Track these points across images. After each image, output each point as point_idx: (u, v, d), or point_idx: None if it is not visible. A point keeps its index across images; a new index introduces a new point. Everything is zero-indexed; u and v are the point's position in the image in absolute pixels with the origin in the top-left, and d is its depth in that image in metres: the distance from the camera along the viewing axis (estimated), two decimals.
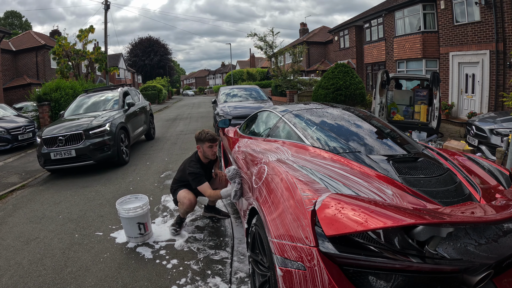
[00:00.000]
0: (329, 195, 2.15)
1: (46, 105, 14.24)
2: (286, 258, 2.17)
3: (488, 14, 14.18)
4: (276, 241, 2.30)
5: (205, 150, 4.65)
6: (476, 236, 2.16)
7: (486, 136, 8.20)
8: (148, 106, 13.29)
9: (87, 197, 6.55)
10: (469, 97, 15.94)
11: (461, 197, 2.63)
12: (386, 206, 1.97)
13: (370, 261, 1.90)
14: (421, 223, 1.75)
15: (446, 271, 1.93)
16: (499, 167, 3.41)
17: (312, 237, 2.03)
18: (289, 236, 2.20)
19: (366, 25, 24.94)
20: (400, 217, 1.77)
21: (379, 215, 1.81)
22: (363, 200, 2.08)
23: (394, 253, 1.92)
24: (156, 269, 3.85)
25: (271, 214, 2.52)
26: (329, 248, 1.97)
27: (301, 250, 2.08)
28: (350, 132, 3.64)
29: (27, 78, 28.28)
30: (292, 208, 2.31)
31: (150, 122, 13.09)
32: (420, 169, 3.00)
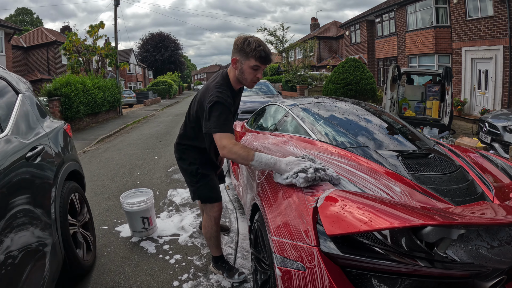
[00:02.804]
0: (332, 191, 2.05)
1: (57, 100, 14.31)
2: (286, 258, 2.06)
3: (501, 9, 13.96)
4: (275, 239, 2.18)
5: (245, 70, 2.83)
6: (488, 238, 2.02)
7: (499, 134, 8.05)
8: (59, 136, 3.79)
9: (94, 191, 6.52)
10: (482, 93, 15.73)
11: (474, 196, 2.51)
12: (393, 205, 1.85)
13: (375, 263, 1.80)
14: (431, 224, 1.63)
15: (456, 276, 1.82)
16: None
17: (313, 236, 1.92)
18: (289, 234, 2.09)
19: (378, 20, 24.72)
20: (408, 217, 1.64)
21: (386, 214, 1.69)
22: (369, 198, 1.97)
23: (401, 255, 1.82)
24: (159, 264, 3.79)
25: (271, 210, 2.41)
26: (331, 248, 1.86)
27: (301, 249, 1.97)
28: (358, 127, 3.54)
29: (38, 74, 28.53)
30: (293, 204, 2.22)
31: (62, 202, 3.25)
32: (430, 166, 2.89)
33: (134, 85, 51.14)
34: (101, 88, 18.48)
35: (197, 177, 3.27)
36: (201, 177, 3.28)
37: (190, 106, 3.17)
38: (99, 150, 11.07)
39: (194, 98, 3.14)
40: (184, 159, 3.33)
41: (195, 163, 3.28)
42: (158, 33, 72.34)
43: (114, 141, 12.81)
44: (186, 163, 3.31)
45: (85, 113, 16.30)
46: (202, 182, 3.28)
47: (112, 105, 20.55)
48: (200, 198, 3.34)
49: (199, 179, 3.28)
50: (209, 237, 3.43)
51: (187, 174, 3.34)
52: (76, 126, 15.68)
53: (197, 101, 3.01)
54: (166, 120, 18.72)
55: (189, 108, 3.19)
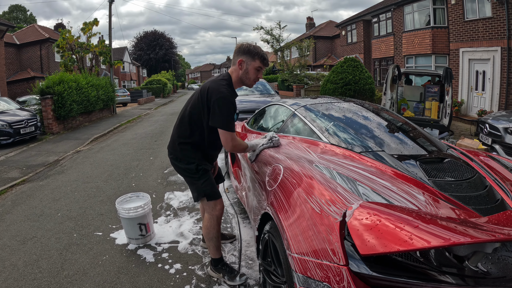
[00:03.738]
0: (361, 203, 1.85)
1: (49, 99, 14.06)
2: (309, 277, 1.87)
3: (500, 10, 13.90)
4: (297, 256, 1.99)
5: (250, 71, 3.15)
6: (509, 245, 1.87)
7: (501, 135, 7.98)
8: None
9: (88, 193, 6.30)
10: (479, 94, 15.68)
11: (494, 203, 2.35)
12: (431, 220, 1.66)
13: (411, 284, 1.62)
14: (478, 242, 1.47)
15: None
16: None
17: (342, 254, 1.73)
18: (313, 252, 1.89)
19: (374, 20, 24.64)
20: (452, 234, 1.46)
21: (427, 231, 1.50)
22: (402, 211, 1.77)
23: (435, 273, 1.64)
24: (158, 274, 3.57)
25: (290, 224, 2.20)
26: (362, 267, 1.67)
27: (328, 268, 1.78)
28: (370, 130, 3.35)
29: (31, 72, 28.23)
30: (316, 218, 2.02)
31: None
32: (448, 171, 2.73)
33: (128, 83, 50.86)
34: (95, 86, 18.21)
35: (199, 173, 3.26)
36: (203, 173, 3.28)
37: (188, 104, 3.28)
38: (92, 150, 10.84)
39: (192, 96, 3.30)
40: (181, 158, 3.30)
41: (193, 161, 3.26)
42: (153, 31, 72.20)
43: (108, 141, 12.58)
44: (184, 162, 3.28)
45: (78, 111, 16.04)
46: (204, 178, 3.28)
47: (106, 104, 20.29)
48: (206, 195, 3.28)
49: (201, 175, 3.27)
50: (211, 238, 3.36)
51: (187, 173, 3.31)
52: (69, 125, 15.46)
53: (197, 97, 3.14)
54: (161, 119, 18.52)
55: (186, 106, 3.29)
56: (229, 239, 4.22)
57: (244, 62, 3.13)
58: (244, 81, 3.21)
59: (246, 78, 3.18)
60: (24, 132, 12.15)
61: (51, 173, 8.14)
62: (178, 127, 3.32)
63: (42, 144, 12.07)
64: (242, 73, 3.16)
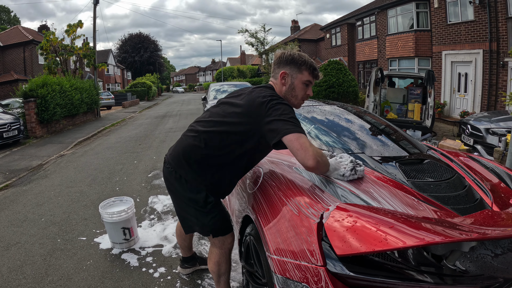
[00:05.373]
0: (338, 205, 1.89)
1: (32, 102, 13.91)
2: (288, 278, 1.90)
3: (482, 14, 14.14)
4: (276, 257, 2.01)
5: (297, 85, 2.48)
6: (491, 246, 1.92)
7: (482, 136, 8.17)
8: None
9: (72, 198, 6.25)
10: (461, 96, 15.93)
11: (473, 203, 2.40)
12: (406, 220, 1.70)
13: (388, 283, 1.65)
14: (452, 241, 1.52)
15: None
16: (505, 168, 3.21)
17: (319, 255, 1.75)
18: (292, 253, 1.92)
19: (359, 23, 24.87)
20: (427, 234, 1.51)
21: (402, 231, 1.55)
22: (378, 212, 1.81)
23: (412, 272, 1.68)
24: (142, 278, 3.57)
25: (269, 226, 2.22)
26: (339, 268, 1.70)
27: (306, 269, 1.80)
28: (351, 132, 3.40)
29: (14, 74, 27.85)
30: (294, 220, 2.04)
31: None
32: (427, 172, 2.78)
33: (113, 86, 50.53)
34: (79, 89, 18.07)
35: (207, 208, 2.55)
36: (212, 207, 2.57)
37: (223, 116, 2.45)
38: (76, 154, 10.76)
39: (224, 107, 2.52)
40: (188, 182, 2.54)
41: (202, 189, 2.53)
42: (138, 33, 71.89)
43: (91, 145, 12.49)
44: (192, 190, 2.54)
45: (62, 115, 15.89)
46: (213, 213, 2.59)
47: (90, 107, 20.14)
48: (213, 233, 2.66)
49: (209, 211, 2.57)
50: (223, 273, 2.83)
51: (190, 203, 2.59)
52: (53, 129, 15.30)
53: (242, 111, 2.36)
54: (145, 123, 18.44)
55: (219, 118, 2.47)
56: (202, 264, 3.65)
57: (288, 76, 2.47)
58: (289, 99, 2.49)
59: (292, 96, 2.50)
60: (7, 136, 12.00)
61: (35, 177, 8.06)
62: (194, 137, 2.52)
63: (25, 148, 11.95)
64: (287, 89, 2.48)
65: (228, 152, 2.45)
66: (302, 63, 2.44)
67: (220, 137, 2.41)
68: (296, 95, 2.50)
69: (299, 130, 2.16)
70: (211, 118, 2.51)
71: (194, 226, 2.69)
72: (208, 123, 2.50)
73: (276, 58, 2.54)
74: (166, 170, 2.64)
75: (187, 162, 2.51)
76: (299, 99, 2.53)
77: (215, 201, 2.59)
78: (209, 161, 2.48)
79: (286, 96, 2.48)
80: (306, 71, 2.46)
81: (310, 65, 2.47)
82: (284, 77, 2.46)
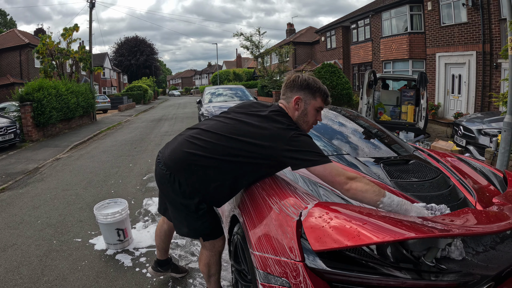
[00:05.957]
0: (317, 203, 1.97)
1: (28, 105, 13.95)
2: (269, 274, 1.98)
3: (475, 16, 14.25)
4: (258, 254, 2.10)
5: (310, 111, 2.49)
6: (473, 244, 2.01)
7: (474, 137, 8.22)
8: None
9: (67, 200, 6.32)
10: (455, 97, 16.02)
11: (456, 202, 2.49)
12: (381, 217, 1.78)
13: (363, 278, 1.73)
14: (422, 237, 1.59)
15: (444, 286, 1.76)
16: (492, 168, 3.29)
17: (298, 251, 1.83)
18: (272, 249, 2.00)
19: (353, 26, 24.97)
20: (398, 230, 1.59)
21: (374, 228, 1.63)
22: (354, 210, 1.89)
23: (389, 268, 1.76)
24: (136, 278, 3.65)
25: (252, 224, 2.31)
26: (317, 263, 1.78)
27: (286, 265, 1.88)
28: (338, 134, 3.50)
29: (10, 78, 27.85)
30: (275, 218, 2.12)
31: None
32: (412, 172, 2.88)
33: (109, 90, 50.54)
34: (75, 93, 18.11)
35: (198, 214, 2.55)
36: (204, 213, 2.58)
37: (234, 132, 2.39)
38: (72, 158, 10.82)
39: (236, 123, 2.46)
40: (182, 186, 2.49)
41: (196, 196, 2.51)
42: (134, 37, 71.94)
43: (87, 148, 12.54)
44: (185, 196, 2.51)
45: (58, 118, 15.93)
46: (204, 220, 2.60)
47: (86, 111, 20.17)
48: (203, 237, 2.70)
49: (200, 216, 2.57)
50: (213, 274, 2.87)
51: (181, 208, 2.58)
52: (49, 132, 15.34)
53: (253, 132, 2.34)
54: (141, 126, 18.49)
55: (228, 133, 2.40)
56: (181, 273, 3.64)
57: (302, 101, 2.46)
58: (300, 124, 2.48)
59: (304, 121, 2.49)
60: (3, 140, 12.04)
61: (31, 181, 8.12)
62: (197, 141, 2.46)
63: (21, 151, 12.00)
64: (299, 114, 2.47)
65: (238, 169, 2.43)
66: (317, 89, 2.46)
67: (232, 153, 2.36)
68: (307, 121, 2.50)
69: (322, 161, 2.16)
70: (222, 133, 2.41)
71: (184, 228, 2.66)
72: (219, 136, 2.41)
73: (290, 82, 2.52)
74: (161, 171, 2.55)
75: (190, 169, 2.44)
76: (310, 124, 2.54)
77: (208, 207, 2.59)
78: (214, 173, 2.43)
79: (298, 121, 2.47)
80: (320, 97, 2.48)
81: (324, 92, 2.49)
82: (298, 102, 2.45)
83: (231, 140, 2.36)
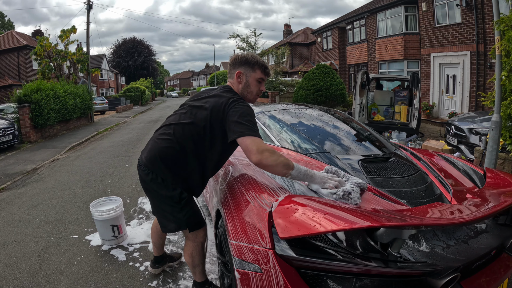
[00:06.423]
0: (286, 196, 2.16)
1: (27, 107, 14.03)
2: (244, 260, 2.16)
3: (469, 16, 14.41)
4: (234, 243, 2.29)
5: (251, 83, 2.80)
6: (445, 237, 2.12)
7: (465, 136, 8.33)
8: None
9: (65, 200, 6.48)
10: (450, 97, 16.17)
11: (431, 198, 2.60)
12: (343, 208, 1.96)
13: (327, 264, 1.88)
14: (377, 226, 1.75)
15: (407, 274, 1.89)
16: (473, 166, 3.41)
17: (268, 239, 2.01)
18: (247, 238, 2.19)
19: (349, 27, 25.10)
20: (355, 219, 1.76)
21: (334, 217, 1.80)
22: (321, 202, 2.06)
23: (353, 256, 1.89)
24: (129, 271, 3.82)
25: (231, 216, 2.51)
26: (285, 250, 1.94)
27: (258, 252, 2.06)
28: (321, 133, 3.65)
29: (8, 79, 27.90)
30: (251, 210, 2.32)
31: None
32: (390, 170, 3.01)
33: (107, 91, 50.57)
34: (72, 94, 18.20)
35: (181, 204, 2.76)
36: (186, 203, 2.79)
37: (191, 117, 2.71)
38: (69, 158, 10.96)
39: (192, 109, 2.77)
40: (165, 180, 2.73)
41: (178, 186, 2.74)
42: (131, 38, 71.64)
43: (85, 149, 12.69)
44: (168, 188, 2.73)
45: (56, 120, 16.03)
46: (187, 209, 2.81)
47: (84, 112, 20.25)
48: (189, 227, 2.88)
49: (184, 206, 2.78)
50: (197, 264, 3.05)
51: (166, 201, 2.78)
52: (47, 134, 15.44)
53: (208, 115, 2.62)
54: (138, 127, 18.60)
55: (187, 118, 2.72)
56: (177, 260, 3.93)
57: (243, 74, 2.78)
58: (245, 95, 2.80)
59: (248, 92, 2.80)
60: (2, 141, 12.17)
61: (29, 181, 8.26)
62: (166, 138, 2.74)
63: (20, 152, 12.13)
64: (243, 86, 2.79)
65: (201, 153, 2.70)
66: (255, 63, 2.78)
67: (192, 139, 2.66)
68: (251, 91, 2.81)
69: (250, 133, 2.40)
70: (182, 121, 2.73)
71: (171, 223, 2.85)
72: (180, 126, 2.72)
73: (232, 60, 2.85)
74: (142, 172, 2.82)
75: (164, 164, 2.70)
76: (254, 94, 2.84)
77: (188, 197, 2.81)
78: (184, 161, 2.71)
79: (242, 93, 2.80)
80: (259, 69, 2.80)
81: (262, 64, 2.81)
82: (239, 76, 2.79)
83: (189, 125, 2.67)
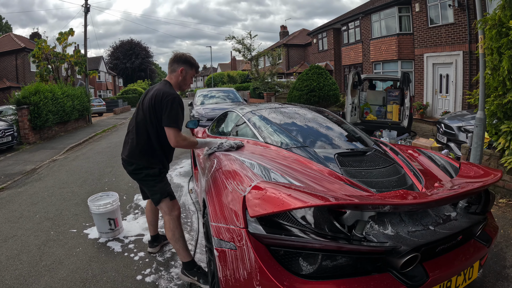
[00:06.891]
0: (258, 182, 2.43)
1: (25, 109, 14.19)
2: (221, 240, 2.42)
3: (461, 16, 14.63)
4: (214, 224, 2.56)
5: (188, 78, 3.66)
6: (411, 223, 2.35)
7: (454, 134, 8.45)
8: None
9: (64, 197, 6.72)
10: (443, 97, 16.39)
11: (402, 187, 2.79)
12: (304, 191, 2.20)
13: (293, 240, 2.10)
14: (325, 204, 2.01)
15: (367, 251, 2.09)
16: (451, 160, 3.58)
17: (242, 219, 2.27)
18: (224, 220, 2.46)
19: (344, 28, 25.31)
20: (311, 198, 2.02)
21: (295, 199, 2.04)
22: (286, 186, 2.31)
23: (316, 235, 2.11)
24: (124, 261, 4.08)
25: (212, 201, 2.80)
26: (256, 229, 2.19)
27: (233, 231, 2.33)
28: (302, 129, 3.91)
29: (6, 82, 28.06)
30: (229, 195, 2.60)
31: None
32: (365, 162, 3.23)
33: (104, 93, 50.78)
34: (70, 96, 18.36)
35: (161, 176, 3.65)
36: (164, 176, 3.69)
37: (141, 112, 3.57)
38: (68, 159, 11.17)
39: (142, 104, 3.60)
40: (145, 165, 3.58)
41: (155, 165, 3.59)
42: (129, 40, 71.83)
43: (83, 150, 12.91)
44: (148, 168, 3.58)
45: (54, 121, 16.19)
46: (165, 180, 3.69)
47: (82, 114, 20.40)
48: (169, 195, 3.65)
49: (163, 177, 3.66)
50: (177, 238, 3.59)
51: (151, 177, 3.59)
52: (45, 135, 15.61)
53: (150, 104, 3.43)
54: None
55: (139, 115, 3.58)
56: None
57: (184, 70, 3.59)
58: (181, 86, 3.66)
59: (184, 84, 3.66)
60: (1, 142, 12.35)
61: (29, 180, 8.47)
62: (136, 135, 3.57)
63: (19, 153, 12.33)
64: (182, 79, 3.62)
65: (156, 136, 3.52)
66: (193, 64, 3.66)
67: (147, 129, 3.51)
68: (186, 83, 3.67)
69: (172, 126, 3.30)
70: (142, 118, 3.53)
71: (157, 195, 3.60)
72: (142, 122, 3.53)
73: (177, 57, 3.62)
74: (129, 168, 3.65)
75: (141, 153, 3.56)
76: (187, 85, 3.70)
77: (164, 172, 3.71)
78: (151, 146, 3.55)
79: (180, 83, 3.63)
80: (195, 69, 3.69)
81: (197, 66, 3.77)
82: (182, 71, 3.59)
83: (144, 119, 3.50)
